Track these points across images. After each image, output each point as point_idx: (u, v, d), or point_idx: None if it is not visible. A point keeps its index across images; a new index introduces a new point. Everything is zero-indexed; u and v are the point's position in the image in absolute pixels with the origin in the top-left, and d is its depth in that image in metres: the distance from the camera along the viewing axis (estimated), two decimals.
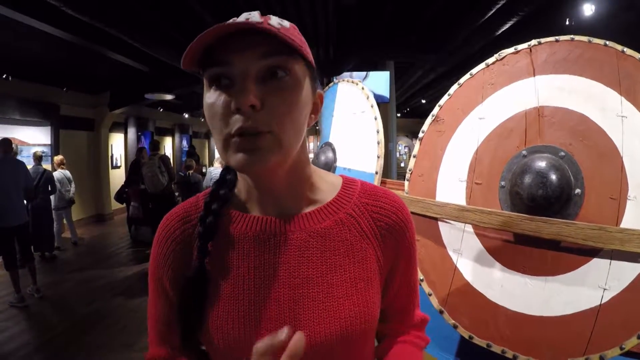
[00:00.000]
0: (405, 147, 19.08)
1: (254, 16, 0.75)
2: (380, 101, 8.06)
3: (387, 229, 0.91)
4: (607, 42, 1.53)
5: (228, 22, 0.71)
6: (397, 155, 15.90)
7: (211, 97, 0.75)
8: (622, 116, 1.45)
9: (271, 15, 0.77)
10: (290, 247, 0.84)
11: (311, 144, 24.64)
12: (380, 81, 7.83)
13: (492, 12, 5.43)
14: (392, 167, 9.05)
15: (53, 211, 8.08)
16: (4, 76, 8.07)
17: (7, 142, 6.04)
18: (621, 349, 1.32)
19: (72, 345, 4.38)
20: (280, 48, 0.73)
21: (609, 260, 1.39)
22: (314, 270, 0.84)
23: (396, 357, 1.00)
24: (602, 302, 1.38)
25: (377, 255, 0.89)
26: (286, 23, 0.78)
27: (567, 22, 5.74)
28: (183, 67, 0.76)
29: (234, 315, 0.82)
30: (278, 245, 0.84)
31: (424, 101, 16.00)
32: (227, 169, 0.95)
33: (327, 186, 0.94)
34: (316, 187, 0.92)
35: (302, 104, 0.78)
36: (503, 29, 6.05)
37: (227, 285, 0.84)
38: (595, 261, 1.42)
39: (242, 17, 0.75)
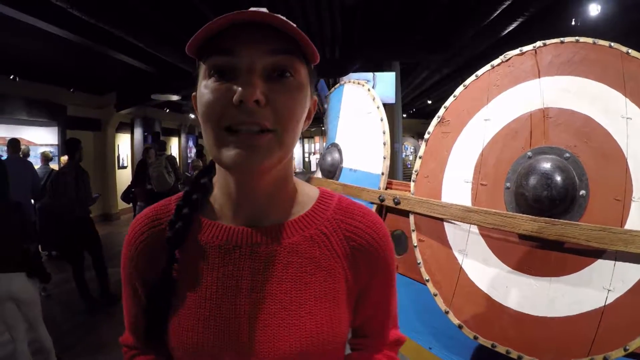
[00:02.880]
0: (411, 148, 19.04)
1: (263, 10, 0.71)
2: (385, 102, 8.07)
3: (360, 249, 0.86)
4: (612, 44, 1.53)
5: (243, 11, 0.68)
6: (403, 155, 15.85)
7: (209, 86, 0.71)
8: (627, 118, 1.45)
9: (279, 15, 0.72)
10: (255, 260, 0.82)
11: (317, 145, 24.68)
12: (387, 86, 7.81)
13: (497, 12, 5.42)
14: (398, 168, 9.03)
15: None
16: (11, 77, 8.12)
17: (15, 142, 6.11)
18: (625, 350, 1.32)
19: (79, 343, 4.41)
20: (288, 47, 0.72)
21: (613, 262, 1.39)
22: (277, 285, 0.81)
23: None
24: (607, 303, 1.39)
25: (346, 274, 0.86)
26: (294, 25, 0.73)
27: (573, 23, 5.72)
28: (187, 52, 0.73)
29: (193, 323, 0.80)
30: (243, 257, 0.82)
31: (429, 102, 15.96)
32: (202, 173, 0.93)
33: (303, 198, 0.91)
34: (293, 198, 0.89)
35: (303, 106, 0.77)
36: (509, 30, 6.04)
37: (189, 293, 0.82)
38: (600, 262, 1.42)
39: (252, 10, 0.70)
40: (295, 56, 0.73)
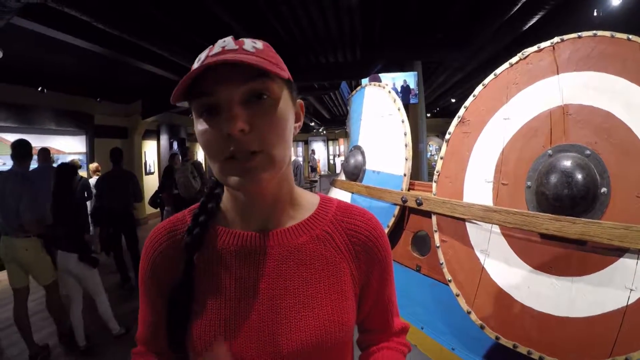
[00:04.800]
0: (436, 147, 18.91)
1: (229, 43, 0.80)
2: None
3: (361, 245, 0.95)
4: (630, 36, 1.50)
5: (208, 57, 0.76)
6: (428, 155, 15.73)
7: (202, 125, 0.79)
8: None
9: (244, 39, 0.82)
10: (269, 261, 0.88)
11: (342, 147, 24.64)
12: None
13: (518, 6, 5.35)
14: (422, 168, 8.95)
15: (89, 216, 8.29)
16: (39, 89, 8.33)
17: (45, 152, 6.29)
18: None
19: (108, 344, 4.50)
20: (257, 72, 0.77)
21: (635, 260, 1.36)
22: (291, 282, 0.88)
23: None
24: (629, 303, 1.36)
25: (350, 269, 0.94)
26: (259, 44, 0.82)
27: (595, 14, 5.61)
28: (172, 102, 0.82)
29: (217, 324, 0.86)
30: (258, 260, 0.88)
31: (453, 100, 15.79)
32: (216, 184, 0.99)
33: (306, 203, 0.98)
34: (297, 203, 0.96)
35: (285, 119, 0.83)
36: (531, 23, 5.95)
37: (209, 296, 0.88)
38: (622, 261, 1.40)
39: (218, 46, 0.79)
40: (266, 77, 0.79)
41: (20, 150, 4.35)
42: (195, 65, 0.78)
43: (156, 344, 0.96)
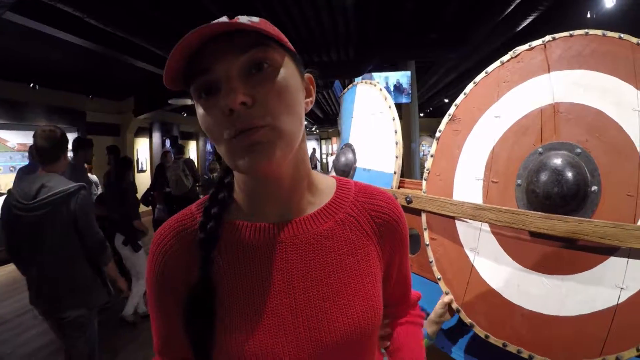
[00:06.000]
0: (429, 147, 18.97)
1: (222, 19, 0.74)
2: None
3: (385, 225, 0.94)
4: (622, 35, 1.49)
5: (194, 29, 0.70)
6: (421, 155, 15.76)
7: (202, 106, 0.74)
8: (639, 110, 1.42)
9: (239, 16, 0.76)
10: (295, 252, 0.84)
11: (334, 146, 24.74)
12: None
13: (512, 7, 5.37)
14: (415, 168, 8.98)
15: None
16: (31, 85, 8.30)
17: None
18: (638, 350, 1.28)
19: (102, 336, 4.55)
20: (254, 41, 0.73)
21: (626, 259, 1.35)
22: (321, 271, 0.83)
23: (401, 337, 1.08)
24: (619, 302, 1.35)
25: (377, 250, 0.92)
26: (255, 18, 0.76)
27: (589, 15, 5.64)
28: (167, 86, 0.76)
29: (250, 325, 0.79)
30: (284, 252, 0.83)
31: (446, 100, 15.87)
32: (225, 172, 0.94)
33: (324, 187, 0.94)
34: (315, 187, 0.92)
35: (292, 89, 0.77)
36: (524, 24, 5.97)
37: (235, 297, 0.82)
38: (612, 260, 1.38)
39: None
40: (265, 46, 0.74)
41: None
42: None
43: (175, 354, 0.90)
